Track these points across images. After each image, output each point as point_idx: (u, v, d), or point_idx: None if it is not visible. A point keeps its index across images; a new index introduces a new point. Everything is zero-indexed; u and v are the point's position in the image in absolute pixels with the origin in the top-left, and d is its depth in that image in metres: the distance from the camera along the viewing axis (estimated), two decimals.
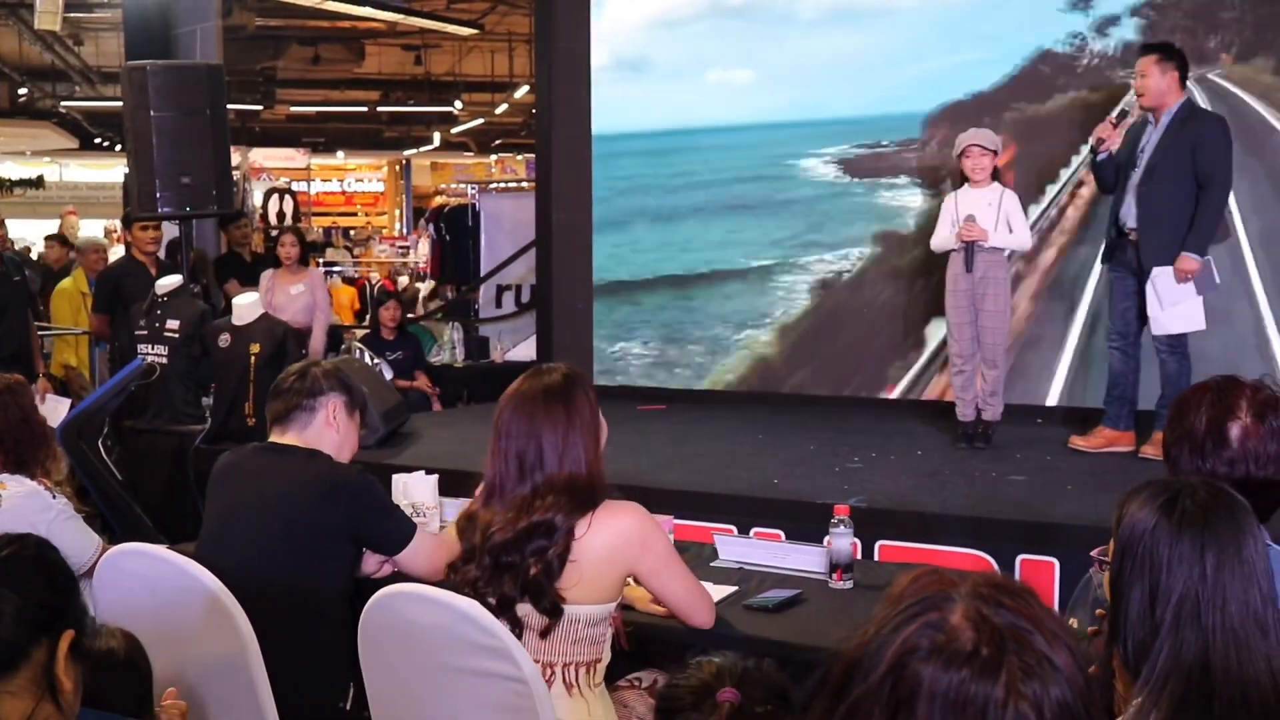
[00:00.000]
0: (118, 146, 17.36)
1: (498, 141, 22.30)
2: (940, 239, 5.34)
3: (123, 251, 8.20)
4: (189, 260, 6.58)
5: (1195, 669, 1.54)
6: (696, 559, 3.14)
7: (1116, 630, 1.64)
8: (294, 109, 20.23)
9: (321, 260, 14.95)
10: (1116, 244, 5.03)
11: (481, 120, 20.15)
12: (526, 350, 8.66)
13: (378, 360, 7.12)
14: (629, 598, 2.67)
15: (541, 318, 8.00)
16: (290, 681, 2.57)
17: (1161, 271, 4.75)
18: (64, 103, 18.35)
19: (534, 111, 9.53)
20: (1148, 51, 4.92)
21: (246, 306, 5.75)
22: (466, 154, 23.34)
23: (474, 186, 12.22)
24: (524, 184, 12.80)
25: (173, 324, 5.82)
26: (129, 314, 6.18)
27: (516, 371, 2.67)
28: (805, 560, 3.07)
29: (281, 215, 13.76)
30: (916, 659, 1.01)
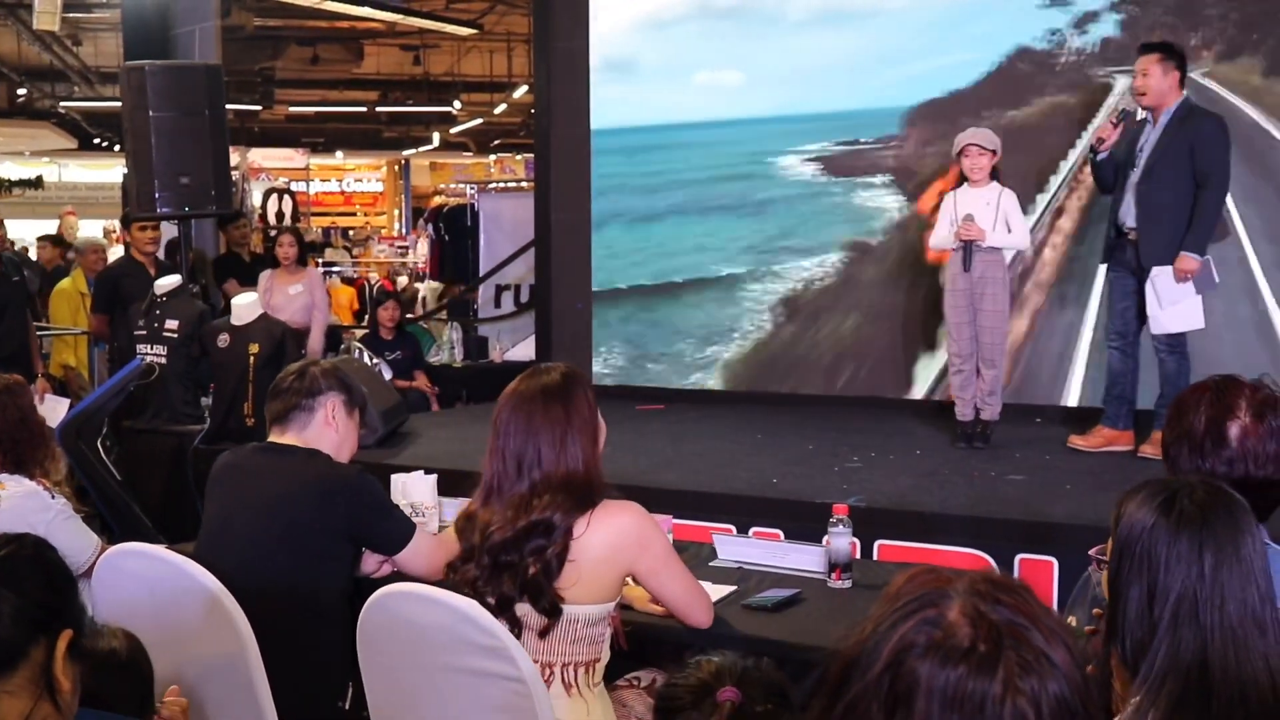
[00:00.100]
0: (117, 147, 17.34)
1: (497, 141, 22.30)
2: (939, 238, 5.35)
3: (122, 252, 8.20)
4: (188, 260, 6.58)
5: (1193, 668, 1.54)
6: (695, 558, 3.14)
7: (1114, 629, 1.64)
8: (293, 109, 20.24)
9: (320, 260, 14.94)
10: (1115, 244, 5.04)
11: (480, 120, 20.15)
12: (525, 350, 8.66)
13: (377, 360, 7.12)
14: (627, 597, 2.67)
15: (540, 317, 8.01)
16: (289, 681, 2.57)
17: (1161, 271, 4.76)
18: (63, 103, 18.36)
19: (533, 111, 9.54)
20: (1149, 50, 4.91)
21: (245, 307, 5.74)
22: (465, 154, 23.34)
23: (473, 186, 12.21)
24: (523, 184, 12.79)
25: (172, 324, 5.82)
26: (128, 314, 6.18)
27: (515, 371, 2.67)
28: (804, 560, 3.07)
29: (280, 215, 13.76)
30: (914, 656, 1.01)
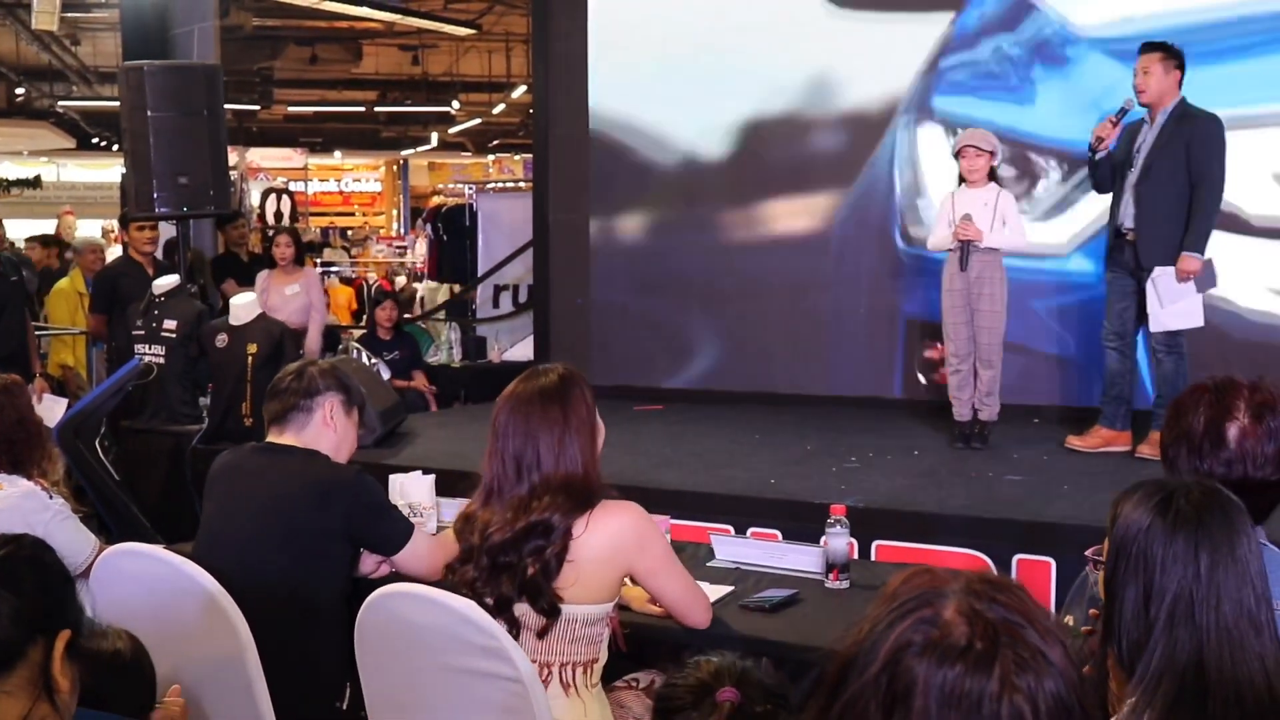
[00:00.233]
0: (115, 146, 17.33)
1: (495, 141, 22.30)
2: (937, 238, 5.35)
3: (120, 252, 8.19)
4: (186, 260, 6.58)
5: (1189, 668, 1.55)
6: (693, 559, 3.14)
7: (1111, 629, 1.65)
8: (291, 109, 20.24)
9: (319, 260, 14.94)
10: (1114, 245, 5.04)
11: (479, 120, 20.15)
12: (524, 350, 8.65)
13: (375, 360, 7.12)
14: (626, 597, 2.67)
15: (539, 318, 8.01)
16: (287, 681, 2.57)
17: (1163, 271, 4.75)
18: (61, 102, 18.35)
19: (531, 112, 9.54)
20: (1150, 49, 4.91)
21: (244, 307, 5.74)
22: (464, 154, 23.35)
23: (471, 186, 12.21)
24: (521, 184, 12.79)
25: (170, 324, 5.82)
26: (126, 314, 6.17)
27: (514, 371, 2.67)
28: (802, 560, 3.07)
29: (279, 215, 13.75)
30: (911, 654, 1.01)
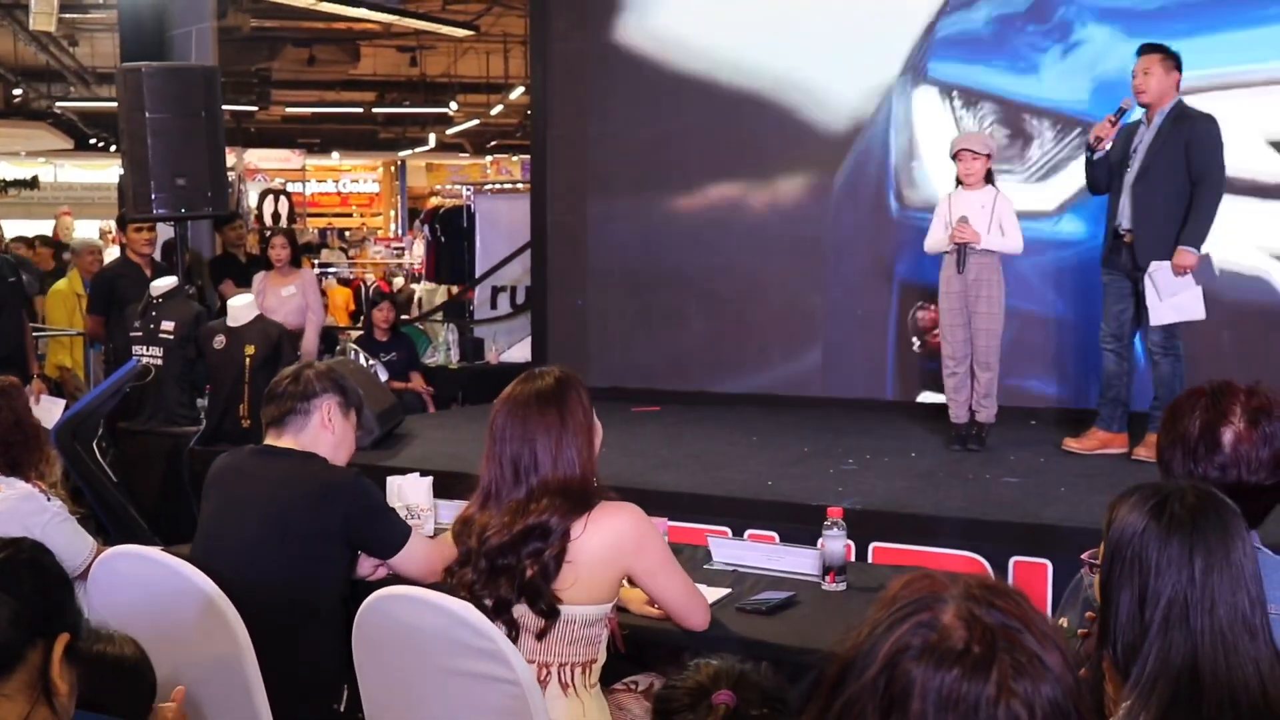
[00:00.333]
0: (113, 147, 17.34)
1: (493, 143, 22.30)
2: (934, 241, 5.35)
3: (118, 253, 8.19)
4: (184, 261, 6.57)
5: (1184, 671, 1.55)
6: (690, 561, 3.13)
7: (1106, 632, 1.65)
8: (289, 110, 20.23)
9: (316, 261, 14.93)
10: (1112, 246, 5.04)
11: (477, 121, 20.14)
12: (521, 351, 8.65)
13: (372, 362, 7.12)
14: (624, 599, 2.67)
15: (536, 319, 8.01)
16: (284, 683, 2.57)
17: (1159, 266, 4.76)
18: (59, 103, 18.33)
19: (529, 113, 9.54)
20: (1150, 50, 4.92)
21: (242, 308, 5.74)
22: (462, 155, 23.35)
23: (469, 187, 12.21)
24: (519, 185, 12.79)
25: (168, 325, 5.81)
26: (124, 315, 6.17)
27: (512, 372, 2.67)
28: (799, 562, 3.07)
29: (277, 216, 13.73)
30: (909, 658, 1.02)
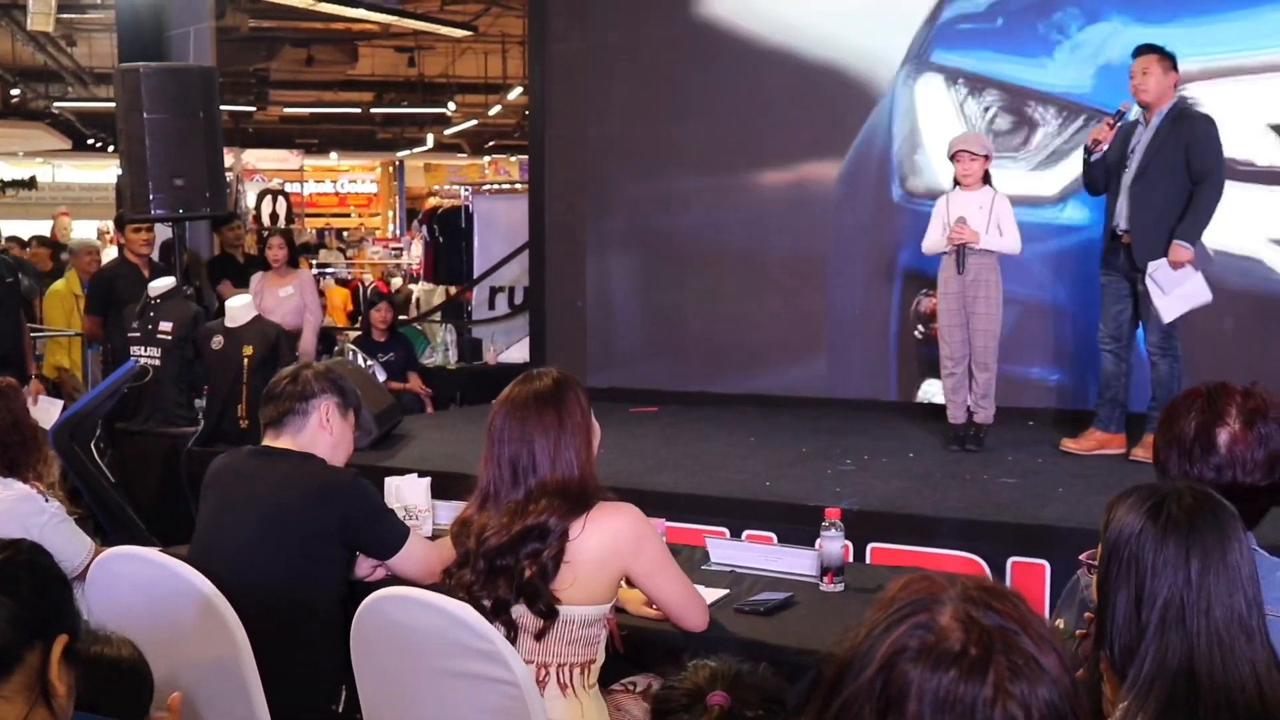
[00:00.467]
0: (110, 147, 17.34)
1: (491, 143, 22.31)
2: (931, 242, 5.35)
3: (115, 253, 8.18)
4: (182, 262, 6.57)
5: (1180, 673, 1.55)
6: (688, 562, 3.13)
7: (1103, 633, 1.65)
8: (287, 110, 20.24)
9: (314, 261, 14.93)
10: (1110, 247, 5.04)
11: (475, 121, 20.15)
12: (520, 352, 8.65)
13: (370, 362, 7.12)
14: (622, 600, 2.67)
15: (535, 319, 8.00)
16: (283, 684, 2.57)
17: (1157, 265, 4.76)
18: (57, 103, 18.32)
19: (527, 113, 9.54)
20: (1148, 51, 4.92)
21: (240, 309, 5.74)
22: (460, 155, 23.36)
23: (467, 188, 12.21)
24: (517, 185, 12.80)
25: (166, 326, 5.81)
26: (122, 316, 6.17)
27: (510, 373, 2.67)
28: (796, 563, 3.08)
29: (275, 216, 13.71)
30: (906, 659, 1.02)
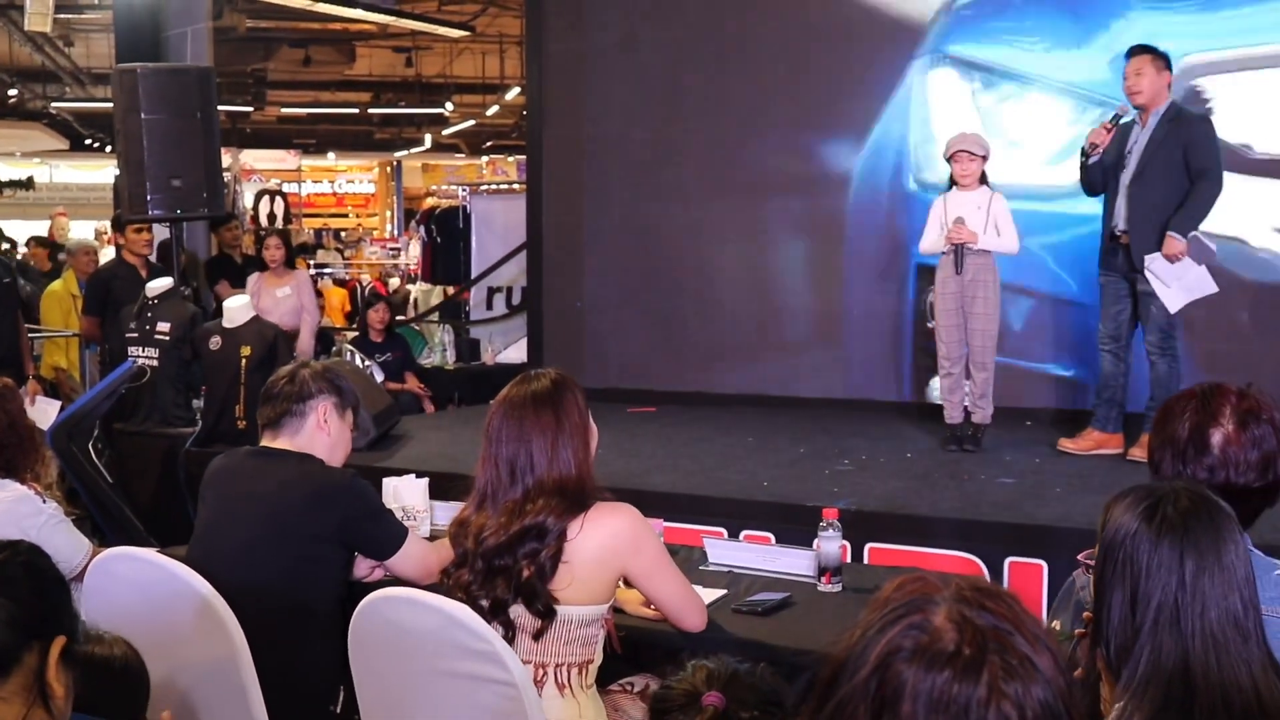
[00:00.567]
0: (108, 147, 17.33)
1: (489, 143, 22.32)
2: (929, 242, 5.35)
3: (113, 253, 8.18)
4: (179, 262, 6.57)
5: (1176, 673, 1.55)
6: (686, 562, 3.14)
7: (1099, 632, 1.66)
8: (285, 110, 20.25)
9: (312, 262, 14.92)
10: (1109, 248, 5.04)
11: (472, 122, 20.16)
12: (517, 352, 8.65)
13: (368, 362, 7.12)
14: (620, 600, 2.67)
15: (532, 320, 8.00)
16: (281, 685, 2.57)
17: (1153, 257, 4.76)
18: (54, 104, 18.33)
19: (525, 113, 9.54)
20: (1141, 52, 4.92)
21: (237, 309, 5.74)
22: (458, 155, 23.37)
23: (465, 188, 12.20)
24: (515, 185, 12.79)
25: (163, 326, 5.81)
26: (119, 316, 6.17)
27: (508, 373, 2.68)
28: (794, 563, 3.08)
29: (272, 217, 13.70)
30: (900, 659, 1.02)
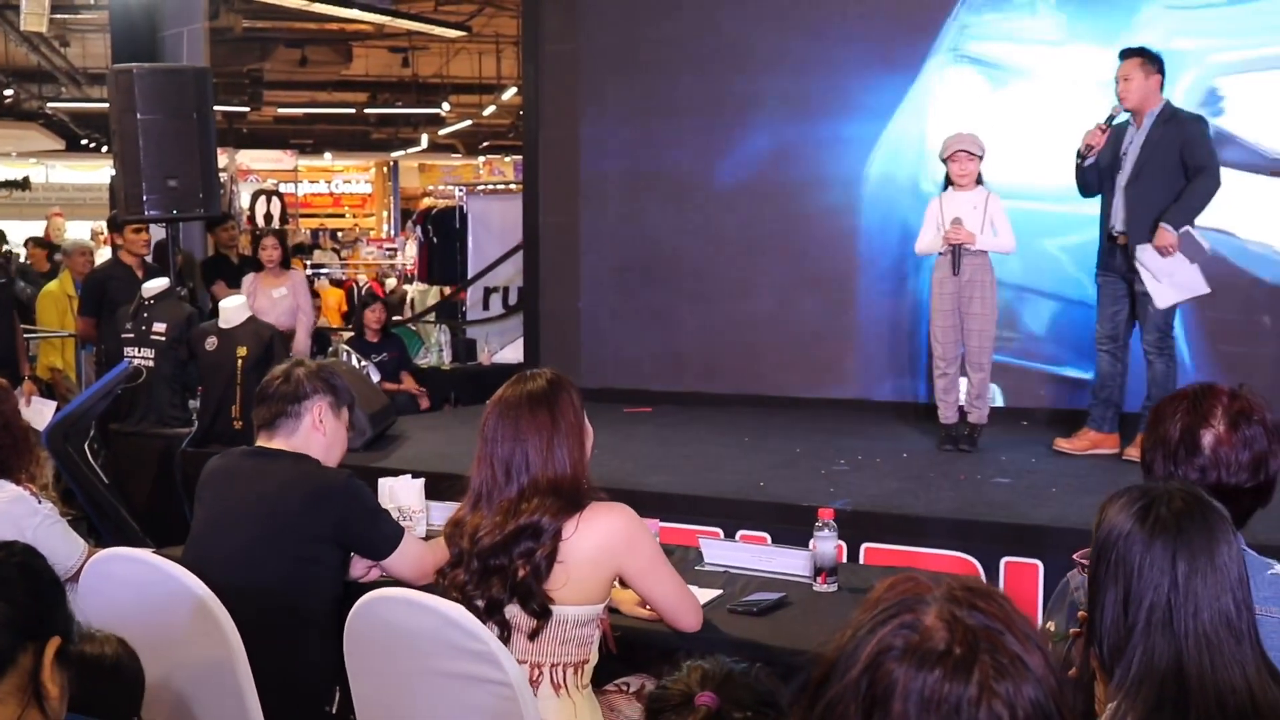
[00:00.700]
0: (104, 148, 17.32)
1: (485, 143, 22.33)
2: (925, 243, 5.35)
3: (109, 254, 8.17)
4: (176, 263, 6.57)
5: (1169, 674, 1.55)
6: (682, 562, 3.14)
7: (1093, 631, 1.66)
8: (281, 111, 20.25)
9: (309, 262, 14.91)
10: (1107, 249, 5.04)
11: (469, 122, 20.16)
12: (514, 352, 8.65)
13: (365, 363, 7.12)
14: (616, 600, 2.68)
15: (529, 320, 8.00)
16: (276, 685, 2.57)
17: (1144, 248, 4.76)
18: (50, 104, 18.32)
19: (521, 113, 9.53)
20: (1129, 55, 4.93)
21: (233, 309, 5.73)
22: (454, 156, 23.37)
23: (461, 188, 12.20)
24: (512, 186, 12.79)
25: (159, 327, 5.81)
26: (115, 317, 6.17)
27: (504, 373, 2.67)
28: (790, 563, 3.08)
29: (269, 217, 13.70)
30: (891, 658, 1.02)
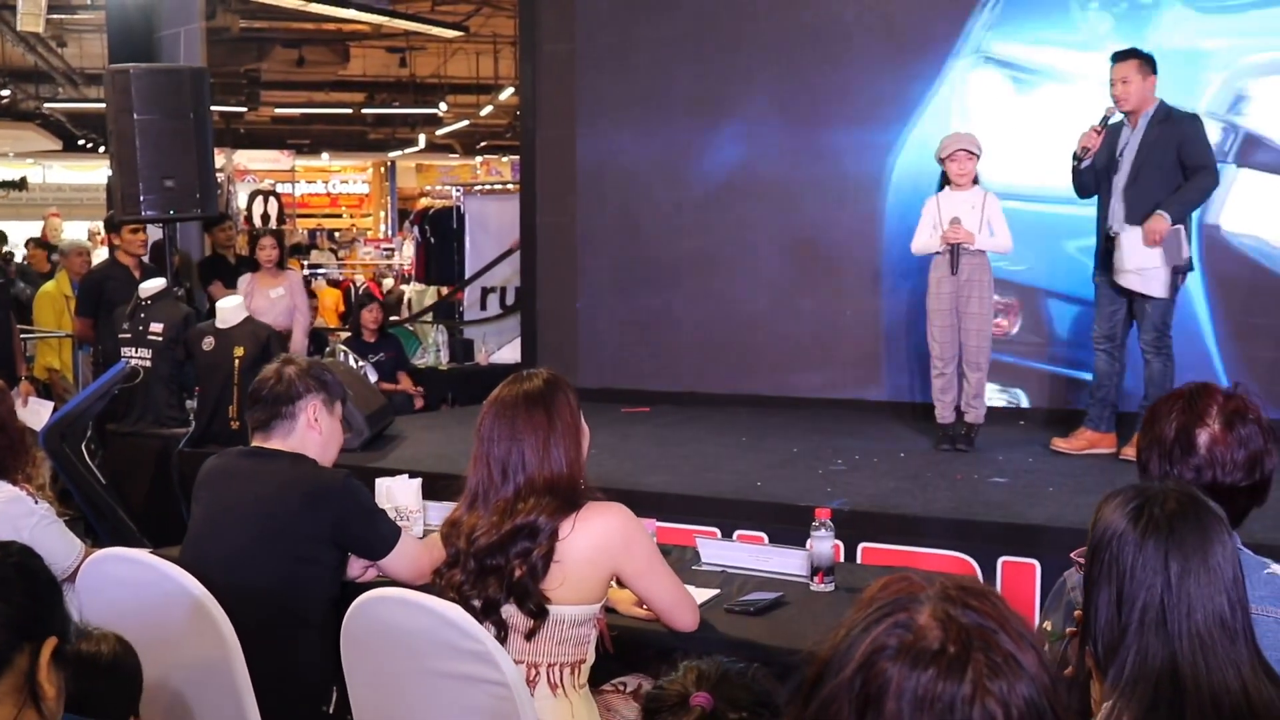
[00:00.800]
0: (101, 148, 17.31)
1: (483, 143, 22.32)
2: (921, 242, 5.35)
3: (106, 254, 8.17)
4: (173, 263, 6.57)
5: (1163, 674, 1.56)
6: (679, 562, 3.14)
7: (1088, 631, 1.66)
8: (278, 111, 20.24)
9: (306, 262, 14.91)
10: (1106, 249, 5.04)
11: (466, 122, 20.16)
12: (511, 352, 8.65)
13: (362, 363, 7.12)
14: (613, 600, 2.68)
15: (526, 320, 8.00)
16: (273, 685, 2.57)
17: (1128, 230, 4.76)
18: (47, 104, 18.31)
19: (518, 113, 9.54)
20: (1125, 57, 4.94)
21: (230, 310, 5.73)
22: (451, 156, 23.36)
23: (459, 188, 12.19)
24: (509, 186, 12.79)
25: (156, 327, 5.81)
26: (113, 317, 6.16)
27: (501, 373, 2.67)
28: (787, 563, 3.08)
29: (266, 217, 13.70)
30: (885, 657, 1.03)
